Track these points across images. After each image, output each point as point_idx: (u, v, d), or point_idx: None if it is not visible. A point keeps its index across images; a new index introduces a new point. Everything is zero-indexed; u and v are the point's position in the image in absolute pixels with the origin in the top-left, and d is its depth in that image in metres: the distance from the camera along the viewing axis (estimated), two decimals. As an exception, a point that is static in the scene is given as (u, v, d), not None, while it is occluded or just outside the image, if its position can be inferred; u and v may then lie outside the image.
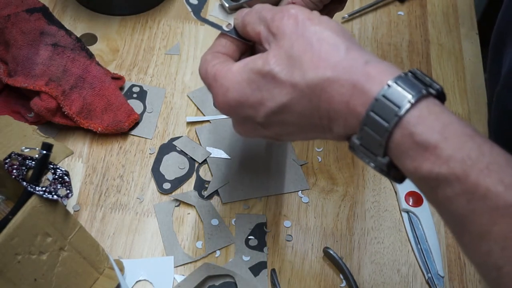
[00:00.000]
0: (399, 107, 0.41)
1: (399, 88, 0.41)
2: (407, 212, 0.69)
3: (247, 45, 0.54)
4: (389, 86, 0.42)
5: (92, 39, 0.80)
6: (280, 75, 0.46)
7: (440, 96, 0.43)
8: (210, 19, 0.55)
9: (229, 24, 0.54)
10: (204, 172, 0.70)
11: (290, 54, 0.46)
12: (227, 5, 0.54)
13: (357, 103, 0.43)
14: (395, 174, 0.44)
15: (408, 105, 0.41)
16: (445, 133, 0.40)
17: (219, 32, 0.54)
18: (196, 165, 0.70)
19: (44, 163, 0.56)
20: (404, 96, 0.41)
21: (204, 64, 0.52)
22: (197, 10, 0.55)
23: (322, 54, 0.45)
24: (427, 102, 0.41)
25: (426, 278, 0.64)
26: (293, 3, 0.55)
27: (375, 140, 0.42)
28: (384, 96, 0.41)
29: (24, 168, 0.55)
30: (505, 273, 0.38)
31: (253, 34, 0.51)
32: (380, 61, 0.44)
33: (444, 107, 0.42)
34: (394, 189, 0.71)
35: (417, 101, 0.41)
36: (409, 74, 0.43)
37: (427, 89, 0.42)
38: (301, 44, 0.46)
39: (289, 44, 0.46)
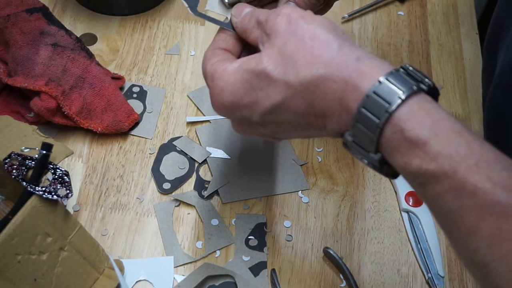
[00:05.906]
0: (389, 103, 0.41)
1: (390, 85, 0.41)
2: (407, 212, 0.69)
3: None
4: (380, 82, 0.42)
5: (92, 39, 0.80)
6: (273, 73, 0.46)
7: (432, 92, 0.43)
8: (207, 14, 0.55)
9: (227, 18, 0.54)
10: (204, 172, 0.70)
11: (283, 52, 0.46)
12: (226, 0, 0.55)
13: (350, 99, 0.43)
14: (388, 170, 0.44)
15: (398, 101, 0.41)
16: (434, 129, 0.40)
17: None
18: (196, 165, 0.70)
19: (44, 163, 0.56)
20: (394, 92, 0.41)
21: (204, 62, 0.52)
22: (194, 5, 0.55)
23: (314, 51, 0.45)
24: (417, 98, 0.41)
25: (426, 278, 0.64)
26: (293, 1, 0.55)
27: (367, 137, 0.42)
28: (375, 92, 0.41)
29: (24, 168, 0.55)
30: (491, 270, 0.38)
31: (252, 39, 0.51)
32: (372, 57, 0.44)
33: (435, 103, 0.42)
34: (394, 189, 0.71)
35: (408, 97, 0.41)
36: (401, 70, 0.43)
37: (418, 85, 0.42)
38: (294, 42, 0.46)
39: (282, 43, 0.46)
